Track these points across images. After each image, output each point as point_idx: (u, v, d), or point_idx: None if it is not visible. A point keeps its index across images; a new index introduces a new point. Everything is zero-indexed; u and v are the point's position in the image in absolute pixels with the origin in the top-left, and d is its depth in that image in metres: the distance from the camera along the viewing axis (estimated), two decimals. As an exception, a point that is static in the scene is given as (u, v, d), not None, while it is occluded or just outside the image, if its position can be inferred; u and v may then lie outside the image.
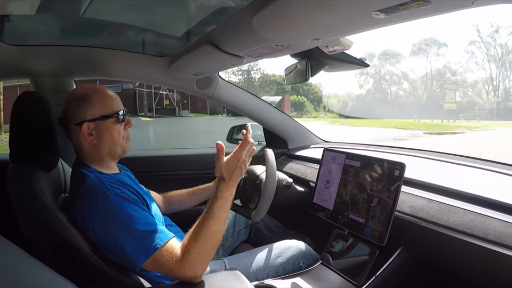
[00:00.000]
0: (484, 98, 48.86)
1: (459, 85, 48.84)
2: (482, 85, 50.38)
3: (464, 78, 51.26)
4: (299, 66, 1.80)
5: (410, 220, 1.37)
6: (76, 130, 1.35)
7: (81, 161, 1.39)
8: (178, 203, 1.83)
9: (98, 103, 1.36)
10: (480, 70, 51.62)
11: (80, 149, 1.39)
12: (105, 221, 1.20)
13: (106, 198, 1.23)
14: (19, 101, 1.38)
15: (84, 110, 1.34)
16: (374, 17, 0.96)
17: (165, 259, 1.17)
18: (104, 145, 1.38)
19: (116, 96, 1.43)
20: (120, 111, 1.40)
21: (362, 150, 2.07)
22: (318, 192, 1.78)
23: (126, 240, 1.18)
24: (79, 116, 1.34)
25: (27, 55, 1.87)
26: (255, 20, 1.15)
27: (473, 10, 8.29)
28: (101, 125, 1.36)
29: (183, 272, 1.18)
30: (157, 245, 1.17)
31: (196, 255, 1.19)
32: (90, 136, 1.35)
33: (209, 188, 1.85)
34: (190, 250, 1.19)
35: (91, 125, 1.35)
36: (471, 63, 52.33)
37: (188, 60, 1.82)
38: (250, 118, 2.48)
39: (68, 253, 1.21)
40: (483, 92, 50.10)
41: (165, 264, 1.18)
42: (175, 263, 1.17)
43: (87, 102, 1.35)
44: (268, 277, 1.58)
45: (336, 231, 1.68)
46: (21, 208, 1.28)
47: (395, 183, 1.39)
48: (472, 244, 1.15)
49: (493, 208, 1.21)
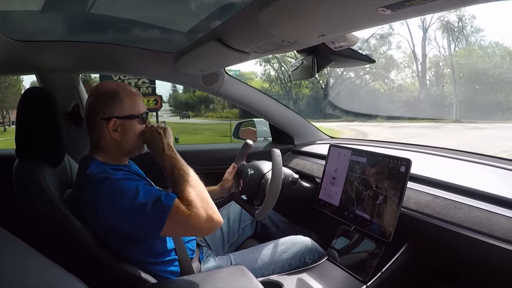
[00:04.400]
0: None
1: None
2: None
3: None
4: (305, 62, 1.80)
5: (416, 216, 1.37)
6: (101, 124, 1.37)
7: (89, 155, 1.40)
8: None
9: (127, 102, 1.39)
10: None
11: (98, 143, 1.40)
12: (114, 202, 1.22)
13: (110, 181, 1.25)
14: (25, 96, 1.39)
15: (112, 106, 1.37)
16: (380, 13, 0.95)
17: (180, 215, 1.20)
18: (126, 143, 1.41)
19: (141, 96, 1.46)
20: (145, 112, 1.43)
21: (368, 146, 2.06)
22: (324, 188, 1.78)
23: (140, 214, 1.21)
24: (107, 111, 1.37)
25: (33, 51, 1.87)
26: (262, 16, 1.14)
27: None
28: (127, 123, 1.39)
29: (201, 219, 1.21)
30: (169, 205, 1.20)
31: (197, 199, 1.23)
32: (116, 133, 1.38)
33: (215, 191, 1.85)
34: (188, 197, 1.23)
35: (118, 122, 1.37)
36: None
37: (194, 55, 1.83)
38: (257, 114, 2.48)
39: (75, 249, 1.22)
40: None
41: (183, 220, 1.21)
42: (189, 216, 1.20)
43: (117, 99, 1.38)
44: (274, 273, 1.58)
45: (342, 227, 1.68)
46: (27, 204, 1.29)
47: (401, 179, 1.39)
48: (478, 240, 1.15)
49: (499, 204, 1.20)
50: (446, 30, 28.84)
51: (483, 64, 25.96)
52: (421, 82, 29.77)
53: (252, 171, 1.78)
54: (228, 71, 2.29)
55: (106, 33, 1.99)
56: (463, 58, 27.24)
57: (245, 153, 1.89)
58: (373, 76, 30.66)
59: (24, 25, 1.77)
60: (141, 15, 1.78)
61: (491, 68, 25.22)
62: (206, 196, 1.28)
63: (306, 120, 2.62)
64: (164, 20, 1.84)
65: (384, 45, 30.81)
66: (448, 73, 27.95)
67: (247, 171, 1.80)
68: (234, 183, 1.85)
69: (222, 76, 2.26)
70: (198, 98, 33.14)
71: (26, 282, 0.71)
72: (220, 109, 33.47)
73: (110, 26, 1.92)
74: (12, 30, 1.70)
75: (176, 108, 35.39)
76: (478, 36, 27.62)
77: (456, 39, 28.68)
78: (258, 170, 1.78)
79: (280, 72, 32.82)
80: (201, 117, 32.97)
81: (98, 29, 1.93)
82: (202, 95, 31.82)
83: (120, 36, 2.05)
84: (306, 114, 16.74)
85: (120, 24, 1.89)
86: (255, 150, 2.27)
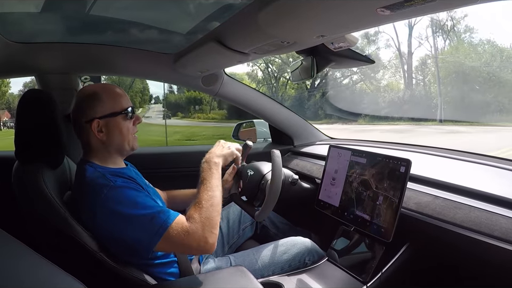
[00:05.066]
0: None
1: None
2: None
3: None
4: (305, 63, 1.80)
5: (416, 216, 1.37)
6: (86, 128, 1.38)
7: (86, 159, 1.40)
8: (182, 203, 1.84)
9: (108, 101, 1.39)
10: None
11: (88, 146, 1.41)
12: (111, 211, 1.22)
13: (109, 188, 1.25)
14: (25, 98, 1.39)
15: (94, 107, 1.37)
16: (380, 14, 0.95)
17: (176, 236, 1.22)
18: (113, 142, 1.41)
19: (124, 93, 1.46)
20: (129, 108, 1.43)
21: (368, 146, 2.06)
22: (323, 189, 1.78)
23: (136, 226, 1.21)
24: (89, 113, 1.37)
25: (33, 53, 1.88)
26: (261, 17, 1.15)
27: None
28: (111, 121, 1.39)
29: (196, 242, 1.23)
30: (166, 224, 1.22)
31: (201, 220, 1.25)
32: (100, 133, 1.38)
33: None
34: (194, 216, 1.26)
35: (101, 122, 1.37)
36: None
37: (193, 56, 1.83)
38: (256, 115, 2.48)
39: (74, 251, 1.22)
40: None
41: (177, 240, 1.22)
42: (186, 236, 1.22)
43: (97, 99, 1.38)
44: (274, 274, 1.58)
45: (342, 227, 1.68)
46: (27, 206, 1.29)
47: (401, 180, 1.39)
48: (478, 241, 1.15)
49: (499, 204, 1.20)
50: (432, 26, 27.24)
51: (471, 62, 24.38)
52: (406, 82, 28.54)
53: (251, 172, 1.77)
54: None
55: (105, 34, 1.99)
56: (449, 56, 25.77)
57: (245, 154, 1.89)
58: (360, 76, 29.79)
59: (23, 27, 1.77)
60: (141, 16, 1.78)
61: (479, 66, 23.65)
62: (215, 220, 1.31)
63: (306, 121, 2.62)
64: (163, 21, 1.84)
65: (370, 44, 29.94)
66: (435, 72, 26.40)
67: (247, 172, 1.80)
68: (234, 184, 1.85)
69: (221, 77, 2.26)
70: (187, 99, 32.96)
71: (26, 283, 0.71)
72: (207, 110, 33.13)
73: (110, 28, 1.92)
74: (10, 31, 1.70)
75: (168, 108, 35.27)
76: (467, 34, 26.22)
77: (447, 37, 27.13)
78: (258, 171, 1.78)
79: (266, 73, 32.54)
80: (188, 118, 32.69)
81: (98, 30, 1.94)
82: (191, 95, 31.83)
83: (119, 37, 2.05)
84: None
85: (119, 26, 1.89)
86: (254, 151, 2.27)
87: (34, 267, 0.78)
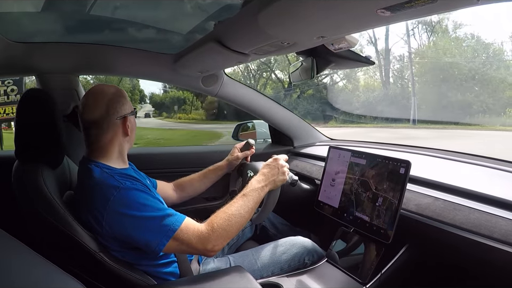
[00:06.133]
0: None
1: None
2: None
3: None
4: (305, 64, 1.80)
5: (416, 217, 1.37)
6: (116, 125, 1.40)
7: (90, 158, 1.39)
8: (191, 187, 1.89)
9: (127, 100, 1.45)
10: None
11: (108, 143, 1.40)
12: (121, 213, 1.23)
13: (119, 190, 1.25)
14: (24, 98, 1.39)
15: (124, 105, 1.42)
16: (380, 15, 0.95)
17: (186, 237, 1.25)
18: (132, 138, 1.47)
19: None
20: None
21: (368, 147, 2.06)
22: (323, 189, 1.78)
23: (145, 228, 1.23)
24: (121, 110, 1.41)
25: (33, 52, 1.87)
26: (261, 18, 1.14)
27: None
28: (132, 119, 1.46)
29: (203, 246, 1.27)
30: (175, 226, 1.24)
31: (220, 232, 1.29)
32: (128, 129, 1.43)
33: (220, 167, 1.93)
34: (215, 227, 1.30)
35: (131, 119, 1.45)
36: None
37: (193, 57, 1.83)
38: (256, 116, 2.48)
39: (74, 251, 1.22)
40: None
41: (186, 242, 1.26)
42: (197, 239, 1.27)
43: (123, 97, 1.43)
44: (273, 274, 1.58)
45: (341, 228, 1.68)
46: (27, 206, 1.29)
47: (401, 181, 1.39)
48: (477, 242, 1.15)
49: (498, 206, 1.20)
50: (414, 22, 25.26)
51: (450, 58, 22.43)
52: (383, 81, 26.86)
53: (251, 173, 1.77)
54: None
55: (106, 34, 1.99)
56: (426, 52, 24.25)
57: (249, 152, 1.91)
58: (340, 75, 28.41)
59: (23, 27, 1.77)
60: (141, 17, 1.78)
61: (459, 63, 21.74)
62: (232, 235, 1.35)
63: (305, 122, 2.62)
64: (163, 21, 1.84)
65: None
66: (414, 70, 24.56)
67: (247, 173, 1.80)
68: (234, 180, 1.86)
69: (221, 78, 2.26)
70: (171, 99, 33.06)
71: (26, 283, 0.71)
72: (189, 110, 33.02)
73: (110, 28, 1.92)
74: (10, 31, 1.70)
75: (156, 108, 35.11)
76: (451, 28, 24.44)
77: (431, 33, 25.46)
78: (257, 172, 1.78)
79: (246, 72, 31.97)
80: (171, 119, 32.53)
81: (98, 30, 1.93)
82: (174, 95, 31.95)
83: (119, 38, 2.05)
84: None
85: (119, 26, 1.89)
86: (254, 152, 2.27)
87: (34, 267, 0.78)
